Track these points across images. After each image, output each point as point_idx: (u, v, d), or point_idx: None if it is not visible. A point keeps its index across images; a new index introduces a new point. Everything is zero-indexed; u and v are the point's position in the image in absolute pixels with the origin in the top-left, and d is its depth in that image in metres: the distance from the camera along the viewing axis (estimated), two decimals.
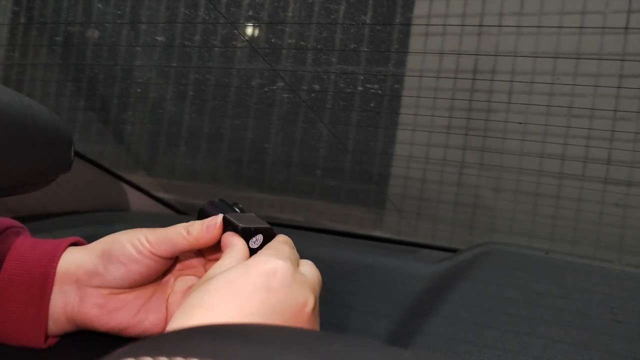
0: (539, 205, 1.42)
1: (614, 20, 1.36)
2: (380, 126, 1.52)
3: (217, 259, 0.45)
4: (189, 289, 0.43)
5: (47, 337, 0.42)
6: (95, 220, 0.86)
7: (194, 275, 0.45)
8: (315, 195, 1.62)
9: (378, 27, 1.37)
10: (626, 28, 1.32)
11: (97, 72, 1.66)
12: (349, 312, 0.55)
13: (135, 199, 1.04)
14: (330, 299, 0.58)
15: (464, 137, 1.46)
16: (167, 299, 0.43)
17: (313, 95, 1.47)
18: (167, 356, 0.17)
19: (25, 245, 0.43)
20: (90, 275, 0.40)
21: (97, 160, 0.96)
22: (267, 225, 0.43)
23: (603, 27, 1.35)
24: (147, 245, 0.40)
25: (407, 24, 1.49)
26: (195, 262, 0.46)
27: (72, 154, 0.48)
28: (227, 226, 0.42)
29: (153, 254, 0.40)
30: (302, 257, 0.72)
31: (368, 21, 1.42)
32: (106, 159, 1.69)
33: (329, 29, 1.41)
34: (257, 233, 0.42)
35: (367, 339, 0.21)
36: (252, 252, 0.41)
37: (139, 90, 1.62)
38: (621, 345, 0.47)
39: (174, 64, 1.60)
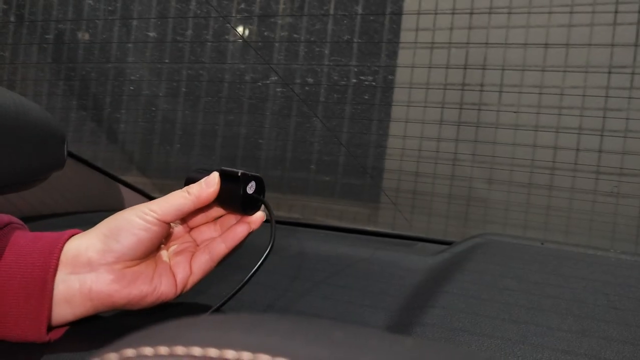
0: (533, 196, 1.42)
1: (603, 11, 1.37)
2: (374, 119, 1.52)
3: (199, 225, 0.49)
4: (181, 252, 0.47)
5: (50, 329, 0.42)
6: (89, 222, 0.86)
7: (181, 243, 0.49)
8: (311, 191, 1.62)
9: (371, 18, 1.37)
10: (615, 16, 1.32)
11: (89, 70, 1.65)
12: (347, 306, 0.55)
13: (130, 199, 1.03)
14: (328, 294, 0.58)
15: (456, 130, 1.46)
16: (170, 265, 0.46)
17: (307, 88, 1.47)
18: (167, 345, 0.17)
19: (25, 240, 0.43)
20: (103, 253, 0.42)
21: (91, 161, 0.95)
22: (259, 175, 0.48)
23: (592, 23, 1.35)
24: (153, 213, 0.43)
25: (398, 13, 1.48)
26: (180, 232, 0.49)
27: (65, 151, 0.48)
28: (224, 179, 0.46)
29: (160, 220, 0.43)
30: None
31: (360, 12, 1.42)
32: (100, 159, 1.68)
33: (322, 21, 1.40)
34: (252, 179, 0.47)
35: (369, 328, 0.21)
36: (249, 197, 0.47)
37: (131, 87, 1.61)
38: (618, 331, 0.47)
39: (167, 60, 1.59)
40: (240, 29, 1.58)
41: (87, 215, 0.88)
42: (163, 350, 0.17)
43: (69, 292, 0.41)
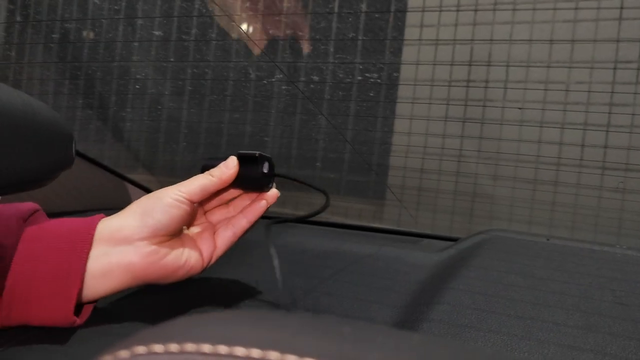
0: (538, 191, 1.42)
1: (608, 6, 1.36)
2: (379, 116, 1.52)
3: (213, 208, 0.55)
4: (204, 230, 0.52)
5: (78, 310, 0.45)
6: None
7: (199, 225, 0.54)
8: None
9: (376, 15, 1.37)
10: (620, 11, 1.32)
11: (95, 69, 1.66)
12: (353, 302, 0.56)
13: (137, 197, 1.03)
14: (334, 290, 0.58)
15: (461, 126, 1.46)
16: (196, 241, 0.51)
17: (312, 86, 1.47)
18: (177, 342, 0.18)
19: (57, 223, 0.46)
20: (140, 229, 0.46)
21: (97, 159, 0.95)
22: (269, 156, 0.53)
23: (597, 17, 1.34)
24: (182, 194, 0.47)
25: (403, 10, 1.48)
26: (199, 214, 0.55)
27: (74, 150, 0.49)
28: (241, 161, 0.51)
29: (188, 199, 0.48)
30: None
31: (365, 9, 1.42)
32: (106, 157, 1.69)
33: (327, 19, 1.41)
34: (266, 160, 0.52)
35: (376, 324, 0.21)
36: (265, 175, 0.52)
37: (137, 86, 1.62)
38: (624, 327, 0.47)
39: (172, 59, 1.59)
40: (244, 27, 1.58)
41: (94, 214, 0.88)
42: (173, 347, 0.17)
43: (108, 265, 0.44)
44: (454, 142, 1.47)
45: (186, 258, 0.48)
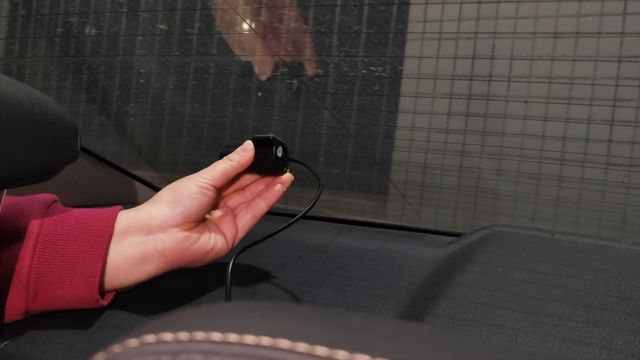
0: (542, 187, 1.42)
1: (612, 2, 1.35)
2: (383, 110, 1.52)
3: (230, 194, 0.58)
4: (224, 215, 0.55)
5: (103, 291, 0.48)
6: None
7: (219, 209, 0.57)
8: (318, 183, 1.61)
9: (382, 8, 1.37)
10: (625, 5, 1.31)
11: (99, 64, 1.66)
12: (358, 297, 0.56)
13: (140, 192, 1.04)
14: (339, 285, 0.58)
15: (464, 121, 1.46)
16: (219, 226, 0.54)
17: (316, 80, 1.47)
18: (187, 331, 0.18)
19: (78, 209, 0.49)
20: (172, 216, 0.49)
21: (100, 154, 0.95)
22: (284, 142, 0.56)
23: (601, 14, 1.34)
24: (206, 180, 0.51)
25: (407, 2, 1.48)
26: (216, 199, 0.56)
27: (79, 144, 0.49)
28: (257, 145, 0.54)
29: (212, 185, 0.51)
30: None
31: (370, 1, 1.41)
32: (109, 152, 1.69)
33: (332, 11, 1.40)
34: (280, 144, 0.55)
35: (384, 316, 0.21)
36: (278, 159, 0.54)
37: (141, 80, 1.62)
38: (629, 321, 0.47)
39: (176, 53, 1.59)
40: (248, 20, 1.57)
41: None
42: (183, 335, 0.17)
43: (146, 251, 0.48)
44: (457, 137, 1.47)
45: (213, 243, 0.51)
